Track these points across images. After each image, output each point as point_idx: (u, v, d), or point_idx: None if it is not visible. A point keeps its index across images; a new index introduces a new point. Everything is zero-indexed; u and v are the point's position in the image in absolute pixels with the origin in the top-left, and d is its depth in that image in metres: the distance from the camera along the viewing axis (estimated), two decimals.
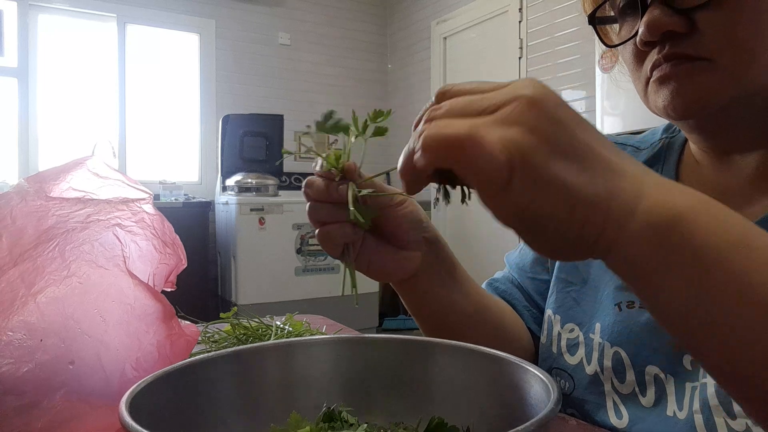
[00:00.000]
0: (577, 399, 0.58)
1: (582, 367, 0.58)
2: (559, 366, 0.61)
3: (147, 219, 0.53)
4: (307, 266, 3.86)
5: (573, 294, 0.62)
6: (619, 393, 0.55)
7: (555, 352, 0.61)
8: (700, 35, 0.46)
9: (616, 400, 0.55)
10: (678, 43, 0.47)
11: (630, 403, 0.54)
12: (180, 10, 4.35)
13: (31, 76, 3.93)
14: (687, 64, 0.47)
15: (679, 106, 0.48)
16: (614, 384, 0.55)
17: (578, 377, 0.58)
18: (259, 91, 4.62)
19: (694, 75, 0.47)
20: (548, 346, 0.62)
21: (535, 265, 0.70)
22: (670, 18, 0.46)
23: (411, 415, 0.45)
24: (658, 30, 0.47)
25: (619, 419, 0.54)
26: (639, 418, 0.52)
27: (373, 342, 0.49)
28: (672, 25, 0.46)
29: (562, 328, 0.61)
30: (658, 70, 0.49)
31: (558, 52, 3.43)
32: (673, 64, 0.47)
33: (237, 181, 3.80)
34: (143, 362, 0.47)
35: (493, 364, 0.44)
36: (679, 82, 0.47)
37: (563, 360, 0.60)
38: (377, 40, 5.16)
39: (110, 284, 0.47)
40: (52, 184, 0.50)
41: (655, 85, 0.50)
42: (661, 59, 0.48)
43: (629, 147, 0.65)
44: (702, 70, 0.46)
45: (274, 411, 0.45)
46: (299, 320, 0.81)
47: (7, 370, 0.41)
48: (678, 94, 0.48)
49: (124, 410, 0.34)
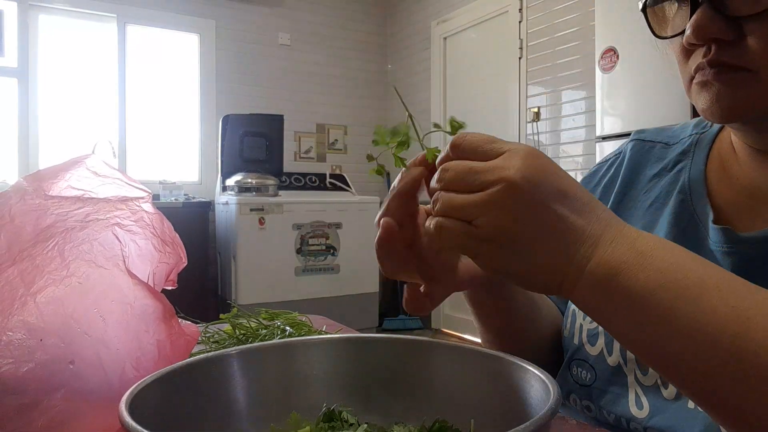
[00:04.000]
0: (597, 390, 0.59)
1: (603, 357, 0.58)
2: (581, 357, 0.61)
3: (146, 218, 0.53)
4: (307, 266, 3.86)
5: None
6: (642, 384, 0.55)
7: (576, 344, 0.62)
8: (746, 45, 0.45)
9: (639, 392, 0.55)
10: (723, 51, 0.46)
11: (651, 395, 0.54)
12: (180, 10, 4.35)
13: (31, 76, 3.93)
14: (730, 74, 0.47)
15: (717, 113, 0.48)
16: (637, 376, 0.55)
17: (600, 368, 0.59)
18: (259, 91, 4.62)
19: (734, 85, 0.47)
20: (570, 338, 0.63)
21: None
22: (717, 24, 0.45)
23: (411, 415, 0.45)
24: (704, 36, 0.46)
25: (639, 409, 0.54)
26: (659, 410, 0.53)
27: (373, 342, 0.49)
28: (718, 33, 0.46)
29: (584, 320, 0.61)
30: (701, 73, 0.49)
31: (558, 52, 3.43)
32: (716, 71, 0.47)
33: (237, 181, 3.80)
34: (143, 362, 0.47)
35: (493, 364, 0.44)
36: (720, 90, 0.47)
37: (584, 351, 0.61)
38: (377, 40, 5.16)
39: (110, 284, 0.47)
40: (51, 182, 0.50)
41: (697, 87, 0.50)
42: (705, 64, 0.48)
43: (659, 144, 0.65)
44: (743, 80, 0.46)
45: (274, 411, 0.45)
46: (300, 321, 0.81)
47: (7, 370, 0.41)
48: (717, 100, 0.48)
49: (124, 410, 0.34)
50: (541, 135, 3.57)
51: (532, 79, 3.64)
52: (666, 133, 0.66)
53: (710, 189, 0.58)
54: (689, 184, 0.59)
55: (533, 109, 3.60)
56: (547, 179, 0.39)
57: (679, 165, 0.61)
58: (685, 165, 0.61)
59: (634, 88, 2.49)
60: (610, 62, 2.56)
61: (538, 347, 0.66)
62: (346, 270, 3.98)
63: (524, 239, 0.38)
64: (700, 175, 0.59)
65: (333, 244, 3.95)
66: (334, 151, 4.94)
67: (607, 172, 0.69)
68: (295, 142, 4.75)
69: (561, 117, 3.45)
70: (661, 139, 0.65)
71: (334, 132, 4.95)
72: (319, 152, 4.90)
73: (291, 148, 4.69)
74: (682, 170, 0.61)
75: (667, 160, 0.63)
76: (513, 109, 3.78)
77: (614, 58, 2.54)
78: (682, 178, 0.60)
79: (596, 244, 0.39)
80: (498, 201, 0.38)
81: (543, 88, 3.58)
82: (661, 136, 0.66)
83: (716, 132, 0.61)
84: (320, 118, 4.88)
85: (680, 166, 0.61)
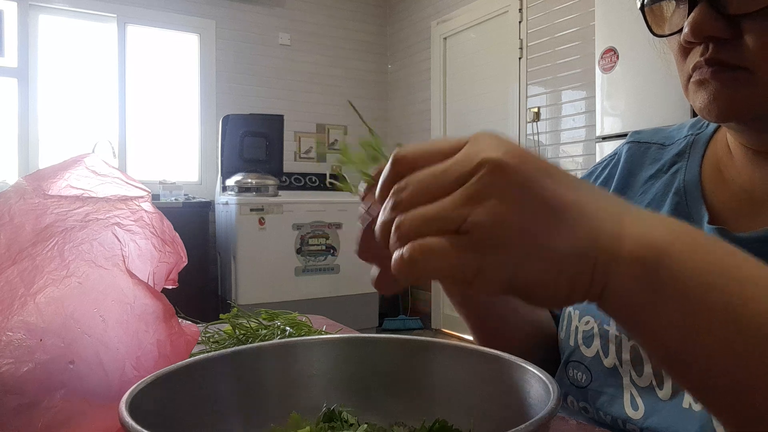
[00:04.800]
0: (593, 391, 0.59)
1: (599, 359, 0.59)
2: (576, 359, 0.61)
3: (146, 217, 0.53)
4: (307, 266, 3.86)
5: None
6: (637, 386, 0.55)
7: (572, 345, 0.62)
8: (744, 44, 0.45)
9: (634, 393, 0.55)
10: (721, 49, 0.46)
11: (646, 396, 0.54)
12: (180, 10, 4.35)
13: (31, 76, 3.93)
14: (727, 73, 0.46)
15: (714, 112, 0.48)
16: (632, 377, 0.56)
17: (595, 369, 0.59)
18: (259, 91, 4.62)
19: (732, 84, 0.46)
20: (566, 340, 0.63)
21: None
22: (715, 22, 0.45)
23: (411, 415, 0.45)
24: (701, 33, 0.46)
25: (634, 410, 0.54)
26: (655, 410, 0.53)
27: (373, 342, 0.49)
28: (716, 31, 0.45)
29: (579, 321, 0.62)
30: (698, 72, 0.48)
31: (558, 52, 3.43)
32: (714, 70, 0.47)
33: (237, 181, 3.80)
34: (143, 362, 0.47)
35: (493, 364, 0.44)
36: (717, 89, 0.47)
37: (580, 352, 0.61)
38: (377, 40, 5.16)
39: (110, 284, 0.47)
40: (51, 182, 0.50)
41: (694, 86, 0.49)
42: (703, 62, 0.47)
43: (654, 145, 0.65)
44: (741, 80, 0.46)
45: (274, 411, 0.45)
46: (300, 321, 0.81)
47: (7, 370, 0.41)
48: (714, 99, 0.47)
49: (124, 410, 0.33)
50: (541, 135, 3.57)
51: (532, 79, 3.64)
52: (662, 134, 0.66)
53: (706, 190, 0.58)
54: (685, 186, 0.59)
55: (533, 109, 3.60)
56: (529, 155, 0.31)
57: (675, 166, 0.61)
58: (680, 166, 0.61)
59: (634, 88, 2.49)
60: (610, 62, 2.56)
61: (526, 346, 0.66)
62: (346, 270, 3.98)
63: (533, 230, 0.30)
64: (695, 177, 0.59)
65: (333, 244, 3.95)
66: (334, 151, 4.94)
67: (602, 173, 0.69)
68: (295, 142, 4.75)
69: (561, 117, 3.45)
70: (657, 140, 0.65)
71: (334, 132, 4.95)
72: (319, 152, 4.90)
73: (291, 148, 4.69)
74: (677, 172, 0.61)
75: (663, 162, 0.63)
76: (513, 109, 3.78)
77: (614, 58, 2.54)
78: (677, 179, 0.60)
79: (620, 221, 0.32)
80: (486, 188, 0.29)
81: (543, 88, 3.58)
82: (657, 137, 0.66)
83: (711, 133, 0.61)
84: (320, 118, 4.88)
85: (676, 167, 0.61)
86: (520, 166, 0.30)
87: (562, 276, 0.30)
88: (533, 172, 0.30)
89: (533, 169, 0.30)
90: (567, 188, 0.31)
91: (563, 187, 0.31)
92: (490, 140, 0.31)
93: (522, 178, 0.30)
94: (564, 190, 0.31)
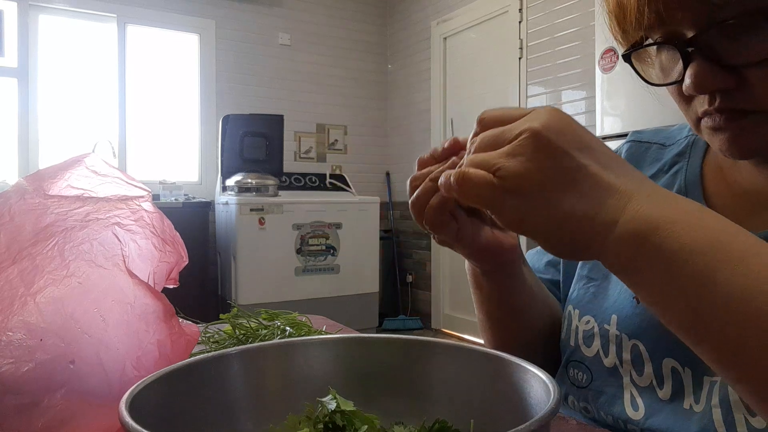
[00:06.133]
0: (593, 391, 0.59)
1: (599, 359, 0.58)
2: (577, 358, 0.61)
3: (146, 217, 0.53)
4: (307, 266, 3.86)
5: (592, 289, 0.63)
6: (637, 386, 0.55)
7: (573, 345, 0.62)
8: (751, 89, 0.44)
9: (634, 393, 0.55)
10: (730, 98, 0.45)
11: (647, 396, 0.54)
12: (180, 10, 4.35)
13: (31, 76, 3.93)
14: (742, 120, 0.46)
15: (737, 152, 0.47)
16: (633, 377, 0.55)
17: (596, 369, 0.59)
18: (259, 91, 4.62)
19: (749, 128, 0.46)
20: (567, 340, 0.63)
21: (549, 266, 0.73)
22: (717, 75, 0.44)
23: (411, 415, 0.45)
24: (707, 88, 0.45)
25: (635, 411, 0.54)
26: (655, 410, 0.53)
27: (373, 342, 0.49)
28: (721, 83, 0.44)
29: (580, 321, 0.62)
30: (710, 118, 0.47)
31: (558, 53, 3.43)
32: (727, 117, 0.46)
33: (237, 181, 3.80)
34: (143, 361, 0.47)
35: (493, 364, 0.44)
36: (735, 133, 0.46)
37: (580, 352, 0.61)
38: (377, 40, 5.16)
39: (110, 284, 0.47)
40: (51, 182, 0.50)
41: (709, 131, 0.48)
42: (713, 110, 0.46)
43: (655, 145, 0.65)
44: (758, 122, 0.45)
45: (274, 411, 0.45)
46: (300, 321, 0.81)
47: (7, 370, 0.41)
48: (734, 142, 0.47)
49: (124, 410, 0.33)
50: None
51: (532, 79, 3.64)
52: (662, 134, 0.66)
53: (707, 191, 0.57)
54: (686, 186, 0.59)
55: None
56: (571, 129, 0.38)
57: (676, 167, 0.61)
58: (681, 167, 0.61)
59: (634, 88, 2.49)
60: (610, 62, 2.56)
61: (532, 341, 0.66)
62: (346, 270, 3.98)
63: (548, 188, 0.37)
64: (696, 177, 0.59)
65: (333, 244, 3.95)
66: (334, 151, 4.94)
67: None
68: (295, 142, 4.75)
69: None
70: (658, 140, 0.65)
71: (334, 132, 4.95)
72: (319, 152, 4.90)
73: (291, 148, 4.69)
74: (678, 172, 0.61)
75: (663, 162, 0.63)
76: None
77: (614, 58, 2.54)
78: (678, 179, 0.60)
79: (629, 197, 0.37)
80: (520, 149, 0.37)
81: (543, 88, 3.58)
82: (658, 137, 0.66)
83: None
84: (320, 118, 4.88)
85: (677, 167, 0.61)
86: (553, 136, 0.37)
87: (562, 231, 0.38)
88: (564, 143, 0.38)
89: (566, 141, 0.38)
90: (595, 163, 0.38)
91: (593, 161, 0.38)
92: (542, 114, 0.39)
93: (552, 146, 0.37)
94: (591, 163, 0.38)
